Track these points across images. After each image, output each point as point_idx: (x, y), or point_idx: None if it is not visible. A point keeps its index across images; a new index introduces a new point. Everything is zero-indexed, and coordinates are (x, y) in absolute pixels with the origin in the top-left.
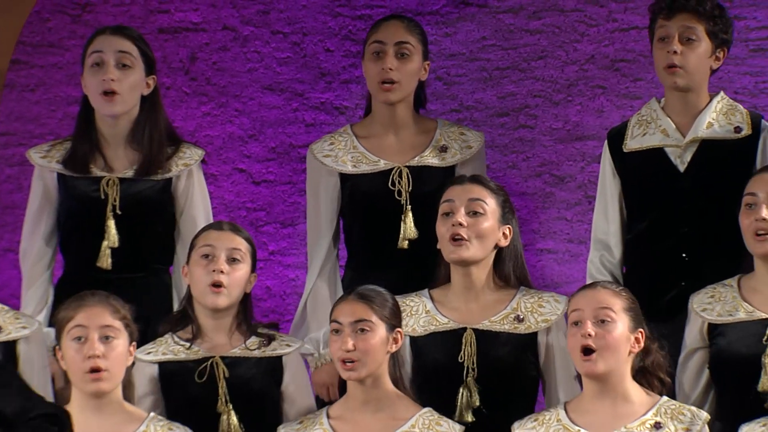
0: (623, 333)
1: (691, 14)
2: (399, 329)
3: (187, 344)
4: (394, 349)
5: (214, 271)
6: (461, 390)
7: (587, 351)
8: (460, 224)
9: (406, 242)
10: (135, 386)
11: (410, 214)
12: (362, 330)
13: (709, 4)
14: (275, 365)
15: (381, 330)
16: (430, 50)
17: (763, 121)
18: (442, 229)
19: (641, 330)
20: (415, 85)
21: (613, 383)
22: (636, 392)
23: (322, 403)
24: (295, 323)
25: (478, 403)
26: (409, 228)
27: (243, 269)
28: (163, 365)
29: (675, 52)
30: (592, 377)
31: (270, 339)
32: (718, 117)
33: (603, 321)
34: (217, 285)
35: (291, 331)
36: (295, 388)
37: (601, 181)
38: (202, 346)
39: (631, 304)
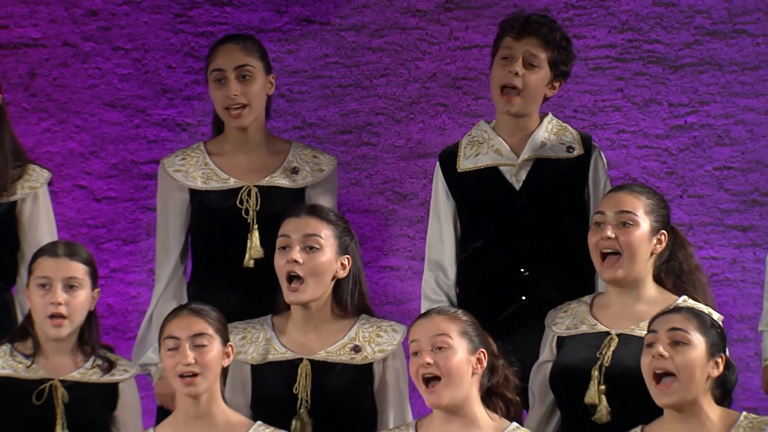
0: (463, 357)
1: (539, 40)
2: (230, 343)
3: (28, 362)
4: (227, 363)
5: (51, 303)
6: (294, 421)
7: (429, 380)
8: (296, 261)
9: (252, 261)
10: None
11: (257, 234)
12: (200, 344)
13: (559, 34)
14: (111, 391)
15: (217, 344)
16: (273, 67)
17: (593, 141)
18: (280, 263)
19: (482, 350)
20: (264, 103)
21: (460, 407)
22: (483, 417)
23: (165, 413)
24: (139, 337)
25: None
26: (255, 247)
27: (82, 295)
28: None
29: (516, 74)
30: (438, 408)
31: (110, 365)
32: (550, 137)
33: (440, 348)
34: (56, 316)
35: (136, 344)
36: (128, 414)
37: (434, 202)
38: (42, 366)
39: (467, 326)
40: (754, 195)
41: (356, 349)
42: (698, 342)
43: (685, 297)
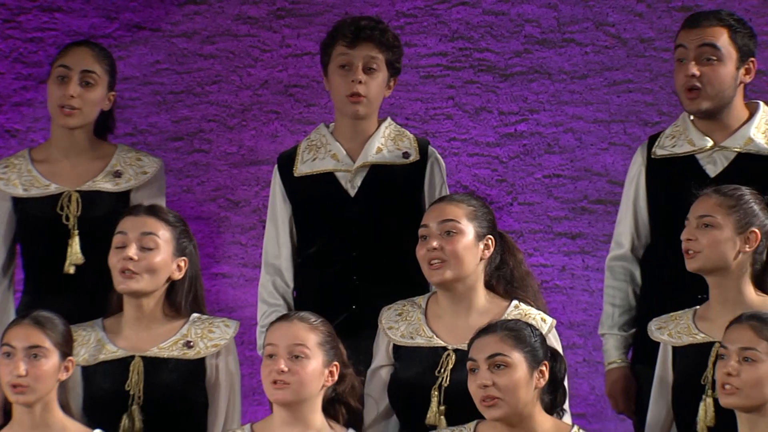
0: (316, 368)
1: (375, 44)
2: (71, 357)
3: None
4: (64, 377)
5: None
6: (124, 418)
7: (278, 382)
8: (131, 258)
9: (72, 267)
10: None
11: (77, 239)
12: (35, 356)
13: (390, 34)
14: None
15: (54, 357)
16: None
17: (430, 147)
18: (113, 260)
19: (336, 364)
20: (96, 114)
21: (303, 414)
22: (323, 423)
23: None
24: None
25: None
26: (74, 253)
27: None
28: None
29: (360, 82)
30: (279, 405)
31: None
32: (386, 142)
33: (297, 357)
34: None
35: None
36: None
37: (272, 205)
38: None
39: (325, 338)
40: (583, 203)
41: (188, 345)
42: (518, 361)
43: (516, 302)
